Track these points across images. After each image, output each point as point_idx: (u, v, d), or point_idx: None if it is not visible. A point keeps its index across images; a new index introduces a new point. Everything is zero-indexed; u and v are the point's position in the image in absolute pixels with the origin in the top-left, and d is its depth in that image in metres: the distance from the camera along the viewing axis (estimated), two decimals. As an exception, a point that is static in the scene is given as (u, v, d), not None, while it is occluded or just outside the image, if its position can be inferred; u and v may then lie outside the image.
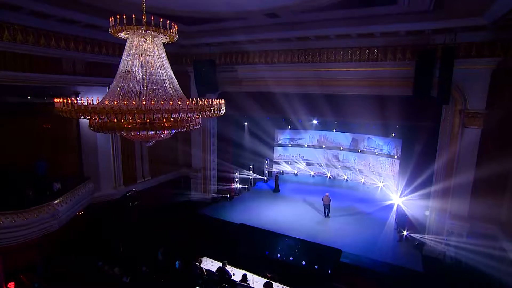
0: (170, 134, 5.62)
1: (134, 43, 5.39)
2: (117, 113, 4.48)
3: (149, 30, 5.16)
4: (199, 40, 13.98)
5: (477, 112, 10.40)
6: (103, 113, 4.58)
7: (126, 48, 5.40)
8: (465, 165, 10.81)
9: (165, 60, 5.76)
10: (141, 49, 5.38)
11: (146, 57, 5.45)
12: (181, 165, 17.13)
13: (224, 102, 6.27)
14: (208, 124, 16.00)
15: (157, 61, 5.53)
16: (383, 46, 11.54)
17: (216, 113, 6.06)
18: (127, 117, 4.43)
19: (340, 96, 13.65)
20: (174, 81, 5.77)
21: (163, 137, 5.79)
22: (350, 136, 20.40)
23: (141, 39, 5.39)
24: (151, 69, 5.55)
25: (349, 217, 15.21)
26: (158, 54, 5.60)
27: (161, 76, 5.51)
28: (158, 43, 5.66)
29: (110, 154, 12.69)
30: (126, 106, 4.56)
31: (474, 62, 10.17)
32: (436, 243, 11.57)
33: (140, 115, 4.46)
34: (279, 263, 11.19)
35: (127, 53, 5.35)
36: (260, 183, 19.94)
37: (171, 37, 5.66)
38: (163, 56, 5.73)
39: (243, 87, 14.86)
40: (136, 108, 4.59)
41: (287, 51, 13.29)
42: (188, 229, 13.44)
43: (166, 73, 5.67)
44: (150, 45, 5.52)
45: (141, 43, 5.39)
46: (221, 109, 6.13)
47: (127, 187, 13.53)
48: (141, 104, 4.68)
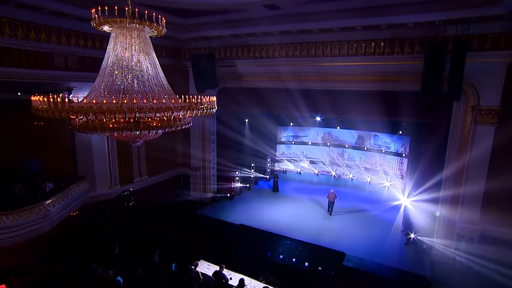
0: (158, 134, 5.40)
1: (119, 37, 5.15)
2: (100, 112, 4.26)
3: (133, 23, 4.90)
4: (198, 34, 13.73)
5: (491, 109, 10.00)
6: (86, 112, 4.37)
7: (110, 42, 5.16)
8: (477, 165, 10.44)
9: (153, 55, 5.51)
10: (126, 43, 5.13)
11: (132, 52, 5.20)
12: (180, 164, 17.00)
13: (216, 99, 6.00)
14: (207, 121, 15.79)
15: (143, 56, 5.28)
16: (390, 39, 11.15)
17: (207, 111, 5.82)
18: (108, 117, 4.20)
19: (344, 92, 13.30)
20: (162, 78, 5.53)
21: (151, 137, 5.57)
22: (356, 133, 19.99)
23: (126, 33, 5.15)
24: (138, 65, 5.31)
25: (353, 218, 14.90)
26: (145, 48, 5.35)
27: (147, 72, 5.26)
28: (145, 36, 5.40)
29: (106, 152, 12.57)
30: (109, 104, 4.33)
31: (488, 55, 9.76)
32: (445, 247, 11.25)
33: (121, 114, 4.24)
34: (279, 266, 10.98)
35: (111, 48, 5.11)
36: (262, 182, 19.71)
37: (158, 30, 5.40)
38: (150, 50, 5.48)
39: (243, 82, 14.60)
40: (119, 107, 4.36)
41: (289, 45, 12.96)
42: (186, 230, 13.30)
43: (154, 68, 5.42)
44: (136, 39, 5.27)
45: (126, 36, 5.14)
46: (213, 107, 5.88)
47: (123, 186, 13.43)
48: (123, 103, 4.44)
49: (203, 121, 15.79)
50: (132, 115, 4.31)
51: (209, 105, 5.86)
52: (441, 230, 11.58)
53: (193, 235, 12.90)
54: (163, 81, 5.57)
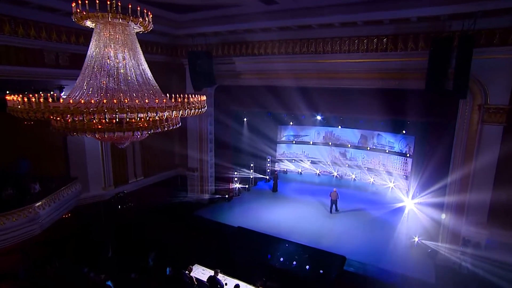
0: (144, 135, 5.20)
1: (102, 33, 4.95)
2: (78, 113, 4.07)
3: (117, 18, 4.70)
4: (194, 30, 13.54)
5: (499, 107, 9.72)
6: (63, 113, 4.18)
7: (93, 38, 4.97)
8: (485, 166, 10.17)
9: (139, 52, 5.31)
10: (109, 39, 4.94)
11: (116, 49, 5.00)
12: (177, 164, 16.84)
13: (205, 99, 5.79)
14: (204, 121, 15.61)
15: (128, 53, 5.08)
16: (393, 35, 10.88)
17: (196, 111, 5.61)
18: (87, 117, 4.01)
19: (346, 90, 13.08)
20: (149, 76, 5.33)
21: (138, 139, 5.38)
22: (359, 132, 19.71)
23: (109, 28, 4.95)
24: (123, 62, 5.12)
25: (355, 220, 14.69)
26: (130, 45, 5.15)
27: (133, 70, 5.07)
28: (130, 32, 5.20)
29: (99, 152, 12.42)
30: (87, 104, 4.14)
31: (496, 50, 9.49)
32: (451, 252, 10.99)
33: (101, 115, 4.05)
34: (277, 271, 10.80)
35: (94, 44, 4.92)
36: (261, 182, 19.51)
37: (144, 25, 5.19)
38: (136, 47, 5.28)
39: (241, 80, 14.39)
40: (99, 107, 4.16)
41: (288, 42, 12.72)
42: (182, 232, 13.15)
43: (139, 66, 5.23)
44: (121, 34, 5.07)
45: (110, 32, 4.94)
46: (203, 107, 5.67)
47: (117, 187, 13.28)
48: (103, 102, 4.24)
49: (200, 121, 15.61)
50: (113, 115, 4.11)
51: (199, 104, 5.65)
52: (447, 234, 11.33)
53: (190, 237, 12.76)
54: (150, 79, 5.37)
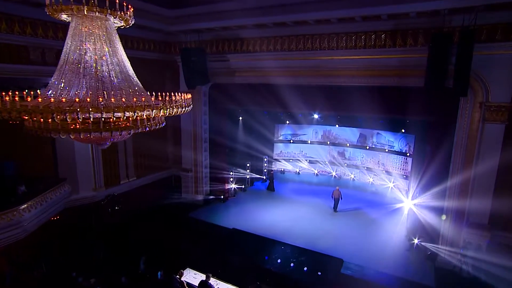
0: (124, 135, 4.97)
1: (79, 27, 4.72)
2: (48, 112, 3.84)
3: (93, 11, 4.46)
4: (187, 26, 13.30)
5: (501, 105, 9.52)
6: (32, 113, 3.95)
7: (69, 32, 4.74)
8: (485, 166, 9.97)
9: (119, 48, 5.08)
10: (87, 34, 4.70)
11: (95, 44, 4.77)
12: (171, 164, 16.63)
13: (191, 97, 5.56)
14: (198, 119, 15.39)
15: (108, 49, 4.85)
16: (392, 30, 10.66)
17: (182, 110, 5.39)
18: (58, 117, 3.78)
19: (343, 88, 12.84)
20: (130, 73, 5.10)
21: (119, 139, 5.15)
22: (358, 131, 19.49)
23: (87, 22, 4.71)
24: (103, 58, 4.89)
25: (354, 221, 14.51)
26: (110, 40, 4.92)
27: (112, 67, 4.84)
28: (110, 27, 4.97)
29: (89, 152, 12.20)
30: (58, 103, 3.91)
31: (498, 46, 9.29)
32: (451, 254, 10.79)
33: (73, 114, 3.82)
34: (272, 274, 10.60)
35: (70, 39, 4.69)
36: (258, 182, 19.29)
37: (125, 19, 4.96)
38: (116, 42, 5.05)
39: (236, 78, 14.16)
40: (71, 106, 3.94)
41: (283, 38, 12.50)
42: (176, 235, 12.92)
43: (120, 63, 4.99)
44: (100, 29, 4.84)
45: (87, 26, 4.71)
46: (188, 106, 5.44)
47: (109, 188, 13.07)
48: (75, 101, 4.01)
49: (194, 120, 15.39)
50: (86, 115, 3.89)
51: (183, 103, 5.42)
52: (447, 236, 11.14)
53: (183, 240, 12.54)
54: (131, 77, 5.13)
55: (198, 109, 15.28)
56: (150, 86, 5.98)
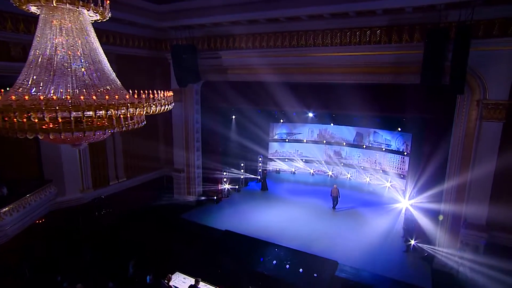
0: (99, 135, 4.73)
1: (50, 20, 4.46)
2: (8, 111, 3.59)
3: (63, 3, 4.21)
4: (177, 22, 13.06)
5: (498, 103, 9.35)
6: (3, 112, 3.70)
7: (39, 25, 4.48)
8: (482, 165, 9.81)
9: (95, 43, 4.83)
10: (58, 27, 4.45)
11: (67, 38, 4.52)
12: (162, 164, 16.37)
13: (172, 94, 5.33)
14: (190, 118, 15.14)
15: (81, 44, 4.61)
16: (387, 26, 10.47)
17: (163, 108, 5.16)
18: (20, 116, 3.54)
19: (338, 86, 12.63)
20: (107, 70, 4.85)
21: (96, 139, 4.91)
22: (354, 130, 19.32)
23: (58, 15, 4.46)
24: (78, 53, 4.64)
25: (350, 222, 14.35)
26: (83, 35, 4.67)
27: (87, 63, 4.59)
28: (84, 20, 4.72)
29: (76, 152, 11.89)
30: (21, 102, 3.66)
31: (496, 42, 9.10)
32: (448, 256, 10.64)
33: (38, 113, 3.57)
34: (264, 278, 10.39)
35: (39, 33, 4.43)
36: (252, 183, 19.08)
37: (99, 12, 4.71)
38: (92, 37, 4.80)
39: (228, 75, 13.92)
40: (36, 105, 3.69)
41: (276, 35, 12.28)
42: (167, 237, 12.68)
43: (96, 59, 4.75)
44: (74, 23, 4.59)
45: (58, 20, 4.46)
46: (169, 104, 5.21)
47: (97, 190, 12.81)
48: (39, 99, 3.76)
49: (186, 118, 15.14)
50: (52, 114, 3.64)
51: (164, 101, 5.19)
52: (444, 237, 10.98)
53: (175, 242, 12.32)
54: (108, 73, 4.89)
55: (189, 107, 15.03)
56: (140, 84, 5.81)
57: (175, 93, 14.79)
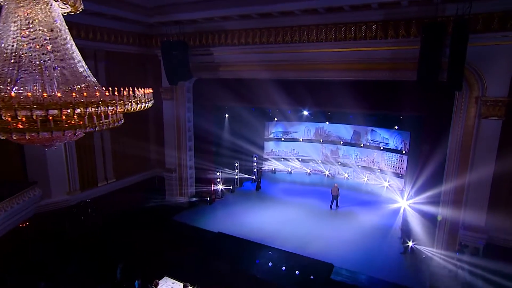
0: (74, 135, 4.49)
1: (14, 11, 4.21)
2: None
3: (29, -7, 3.97)
4: (167, 18, 12.82)
5: (498, 100, 9.15)
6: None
7: (2, 17, 4.23)
8: (481, 164, 9.62)
9: (66, 37, 4.58)
10: (24, 19, 4.20)
11: (35, 31, 4.27)
12: (153, 165, 16.13)
13: (152, 91, 5.09)
14: (182, 116, 14.89)
15: (50, 38, 4.36)
16: (383, 21, 10.26)
17: (142, 106, 4.92)
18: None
19: (333, 83, 12.40)
20: (79, 66, 4.61)
21: (67, 139, 4.66)
22: (351, 128, 19.11)
23: (23, 6, 4.21)
24: (48, 48, 4.39)
25: (346, 223, 14.15)
26: (54, 28, 4.42)
27: (57, 58, 4.35)
28: (54, 12, 4.47)
29: (62, 152, 11.67)
30: None
31: (494, 37, 8.91)
32: (447, 258, 10.46)
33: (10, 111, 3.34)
34: (256, 281, 10.19)
35: (2, 24, 4.18)
36: (247, 183, 18.86)
37: (71, 4, 4.46)
38: (63, 31, 4.55)
39: (220, 73, 13.68)
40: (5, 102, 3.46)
41: (269, 30, 12.03)
42: (158, 240, 12.44)
43: (67, 54, 4.50)
44: (41, 14, 4.34)
45: (24, 10, 4.21)
46: (148, 101, 4.97)
47: (85, 191, 12.56)
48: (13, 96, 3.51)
49: (178, 117, 14.88)
50: (12, 113, 3.40)
51: (144, 98, 4.95)
52: (442, 238, 10.80)
53: (166, 245, 12.08)
54: (80, 69, 4.64)
55: (181, 106, 14.78)
56: (130, 82, 5.65)
57: (166, 91, 14.86)
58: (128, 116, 12.07)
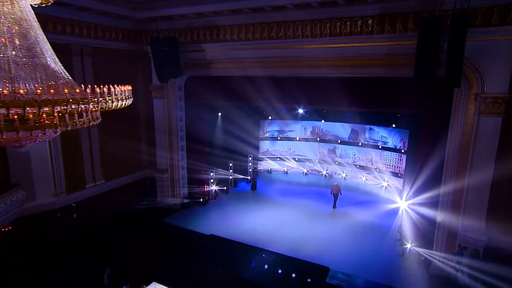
0: (44, 135, 4.28)
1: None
2: None
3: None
4: (157, 13, 12.58)
5: (498, 97, 8.98)
6: None
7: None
8: (481, 163, 9.47)
9: (36, 31, 4.36)
10: (-11, 11, 3.99)
11: (0, 24, 4.06)
12: (145, 165, 15.90)
13: (131, 88, 4.89)
14: (174, 115, 14.68)
15: (18, 31, 4.15)
16: (379, 15, 10.07)
17: (119, 104, 4.72)
18: None
19: (329, 80, 12.27)
20: (50, 61, 4.40)
21: (41, 139, 4.45)
22: (349, 127, 18.96)
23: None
24: (15, 42, 4.19)
25: (343, 225, 14.02)
26: (21, 20, 4.21)
27: (24, 53, 4.14)
28: (21, 4, 4.26)
29: (47, 152, 11.43)
30: None
31: (494, 31, 8.71)
32: (446, 261, 10.31)
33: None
34: (249, 285, 10.02)
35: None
36: (242, 183, 18.70)
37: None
38: (32, 24, 4.34)
39: (213, 70, 13.47)
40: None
41: (262, 25, 11.83)
42: (148, 243, 12.25)
43: (37, 49, 4.29)
44: (7, 7, 4.13)
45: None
46: (126, 99, 4.77)
47: (71, 194, 12.33)
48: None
49: (169, 116, 14.67)
50: None
51: (122, 95, 4.75)
52: (441, 240, 10.64)
53: (156, 248, 11.89)
54: (51, 65, 4.43)
55: (172, 104, 14.57)
56: (118, 80, 5.52)
57: (156, 89, 14.64)
58: (118, 115, 12.01)
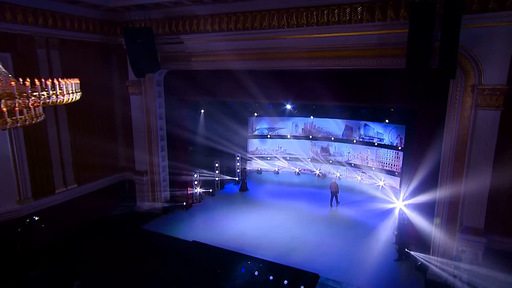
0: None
1: None
2: None
3: None
4: (130, 1, 12.20)
5: (496, 88, 8.79)
6: None
7: None
8: (479, 159, 9.32)
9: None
10: None
11: None
12: (123, 167, 15.51)
13: (79, 82, 4.55)
14: (153, 114, 14.30)
15: None
16: (369, 2, 9.83)
17: (65, 99, 4.39)
18: None
19: (318, 73, 12.01)
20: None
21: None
22: (343, 123, 18.79)
23: None
24: None
25: (336, 227, 13.84)
26: None
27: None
28: None
29: (9, 154, 10.98)
30: None
31: (491, 17, 8.50)
32: (444, 265, 10.17)
33: None
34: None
35: None
36: (230, 185, 18.43)
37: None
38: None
39: (193, 63, 13.15)
40: None
41: (246, 14, 11.53)
42: (123, 252, 11.89)
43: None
44: None
45: None
46: (74, 92, 4.44)
47: (38, 199, 11.90)
48: None
49: (147, 114, 14.29)
50: None
51: (70, 88, 4.42)
52: (439, 243, 10.49)
53: (133, 258, 11.55)
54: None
55: (151, 101, 14.20)
56: (91, 75, 5.16)
57: (133, 85, 14.26)
58: (91, 112, 11.36)
